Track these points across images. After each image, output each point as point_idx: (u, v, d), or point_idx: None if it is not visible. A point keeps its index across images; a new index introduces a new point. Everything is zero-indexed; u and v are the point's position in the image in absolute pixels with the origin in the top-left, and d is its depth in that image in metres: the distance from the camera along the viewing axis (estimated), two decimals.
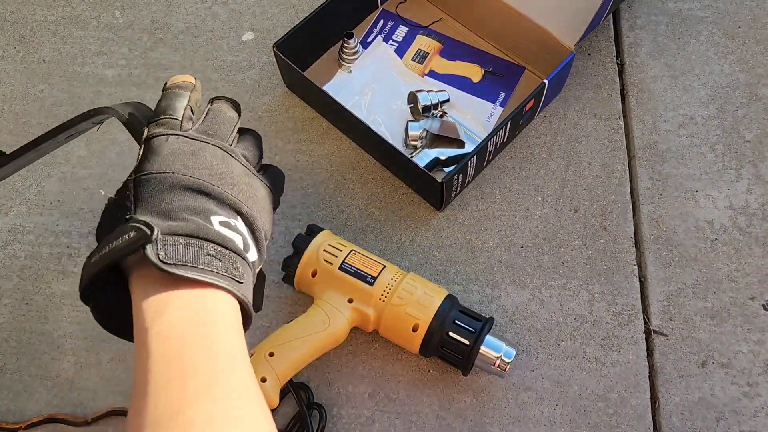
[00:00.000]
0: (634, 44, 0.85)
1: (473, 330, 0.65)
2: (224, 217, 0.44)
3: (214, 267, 0.41)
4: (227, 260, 0.42)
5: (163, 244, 0.39)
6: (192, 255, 0.40)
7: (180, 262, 0.39)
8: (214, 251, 0.41)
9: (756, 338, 0.69)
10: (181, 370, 0.37)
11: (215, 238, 0.42)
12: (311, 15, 0.80)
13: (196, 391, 0.37)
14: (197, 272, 0.40)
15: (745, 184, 0.76)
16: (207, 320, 0.39)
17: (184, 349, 0.38)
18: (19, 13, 0.95)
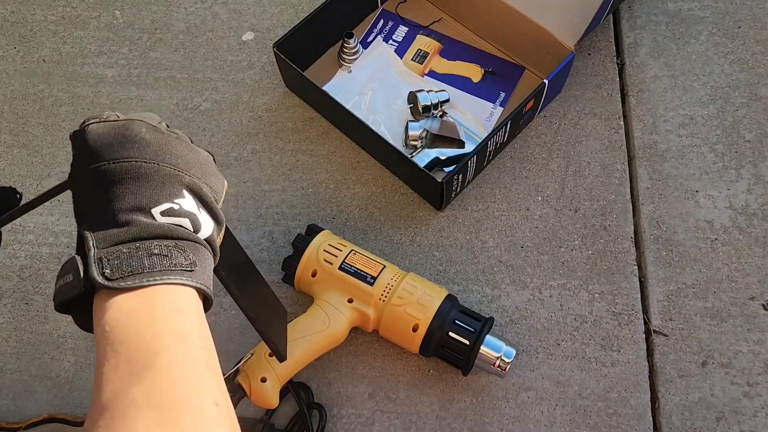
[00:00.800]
0: (634, 44, 0.85)
1: (473, 330, 0.65)
2: (166, 203, 0.43)
3: (161, 266, 0.41)
4: (175, 253, 0.42)
5: (107, 260, 0.40)
6: (136, 262, 0.40)
7: (126, 273, 0.40)
8: (158, 249, 0.41)
9: (756, 338, 0.69)
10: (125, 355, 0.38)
11: (159, 233, 0.42)
12: (311, 15, 0.80)
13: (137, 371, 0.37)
14: (143, 278, 0.40)
15: (745, 184, 0.76)
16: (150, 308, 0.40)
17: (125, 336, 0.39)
18: (19, 13, 0.95)
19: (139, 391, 0.36)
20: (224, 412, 0.39)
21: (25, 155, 0.85)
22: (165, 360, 0.38)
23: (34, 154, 0.85)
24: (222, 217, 0.47)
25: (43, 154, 0.84)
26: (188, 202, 0.44)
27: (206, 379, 0.39)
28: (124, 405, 0.36)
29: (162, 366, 0.38)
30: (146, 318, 0.39)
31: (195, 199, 0.45)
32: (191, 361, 0.40)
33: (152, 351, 0.38)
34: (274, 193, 0.80)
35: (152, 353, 0.38)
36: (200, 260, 0.43)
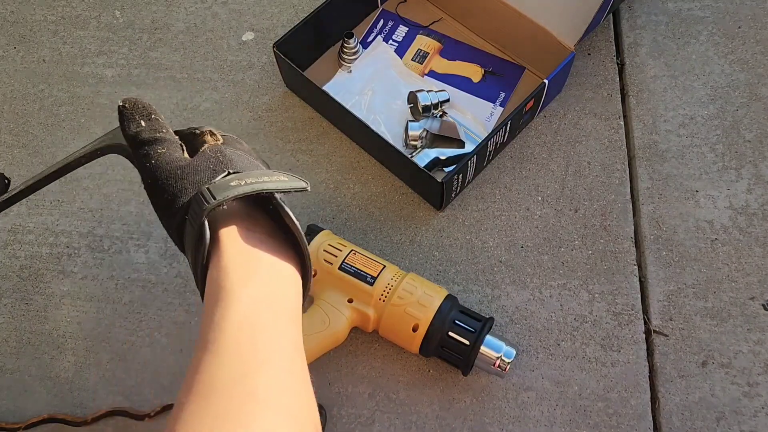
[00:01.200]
0: (634, 44, 0.85)
1: (473, 330, 0.65)
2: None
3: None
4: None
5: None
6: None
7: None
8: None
9: (756, 338, 0.69)
10: (251, 337, 0.38)
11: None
12: (311, 15, 0.80)
13: (260, 359, 0.37)
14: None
15: (746, 184, 0.76)
16: (278, 288, 0.41)
17: (255, 316, 0.39)
18: (19, 12, 0.95)
19: (259, 383, 0.36)
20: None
21: (25, 155, 0.85)
22: (287, 355, 0.39)
23: (34, 154, 0.85)
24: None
25: (43, 153, 0.84)
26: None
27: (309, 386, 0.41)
28: (248, 390, 0.35)
29: (284, 361, 0.39)
30: (275, 303, 0.41)
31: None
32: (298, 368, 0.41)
33: (277, 343, 0.39)
34: None
35: (276, 345, 0.39)
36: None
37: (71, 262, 0.78)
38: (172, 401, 0.69)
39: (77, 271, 0.77)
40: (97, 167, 0.81)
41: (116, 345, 0.73)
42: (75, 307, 0.75)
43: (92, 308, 0.75)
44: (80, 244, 0.78)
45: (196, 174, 0.43)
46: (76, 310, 0.75)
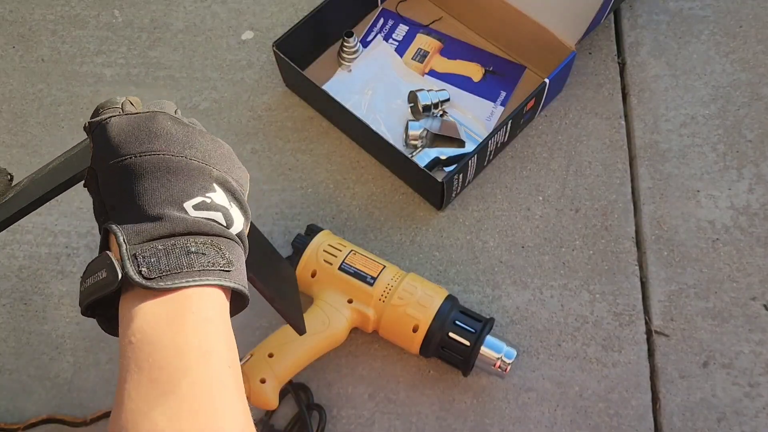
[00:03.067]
0: (635, 43, 0.85)
1: (473, 330, 0.64)
2: (198, 197, 0.41)
3: (199, 264, 0.39)
4: (211, 250, 0.39)
5: (143, 257, 0.38)
6: (174, 260, 0.38)
7: (163, 272, 0.38)
8: (195, 246, 0.39)
9: (757, 338, 0.69)
10: (149, 373, 0.36)
11: (193, 228, 0.39)
12: (311, 14, 0.80)
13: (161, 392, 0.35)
14: (182, 278, 0.38)
15: (747, 183, 0.76)
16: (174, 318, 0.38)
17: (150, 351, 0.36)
18: (18, 12, 0.95)
19: (161, 417, 0.34)
20: None
21: (24, 155, 0.84)
22: (191, 382, 0.36)
23: (33, 153, 0.84)
24: (249, 211, 0.45)
25: (42, 153, 0.84)
26: (219, 196, 0.42)
27: (232, 404, 0.37)
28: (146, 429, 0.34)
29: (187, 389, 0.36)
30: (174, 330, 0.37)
31: (225, 193, 0.43)
32: (218, 383, 0.37)
33: (178, 370, 0.36)
34: (274, 193, 0.79)
35: (178, 372, 0.36)
36: (236, 258, 0.41)
37: (70, 262, 0.77)
38: None
39: (76, 271, 0.77)
40: None
41: (115, 345, 0.72)
42: (74, 307, 0.75)
43: None
44: (79, 244, 0.78)
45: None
46: (75, 311, 0.75)
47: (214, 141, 0.44)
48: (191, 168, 0.41)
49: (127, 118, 0.42)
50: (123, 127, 0.41)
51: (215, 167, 0.43)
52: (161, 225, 0.39)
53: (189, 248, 0.39)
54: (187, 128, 0.43)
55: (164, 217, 0.39)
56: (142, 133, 0.41)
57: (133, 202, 0.40)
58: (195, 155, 0.42)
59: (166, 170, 0.40)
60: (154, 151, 0.41)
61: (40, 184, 0.48)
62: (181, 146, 0.41)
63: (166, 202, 0.40)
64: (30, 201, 0.48)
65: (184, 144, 0.42)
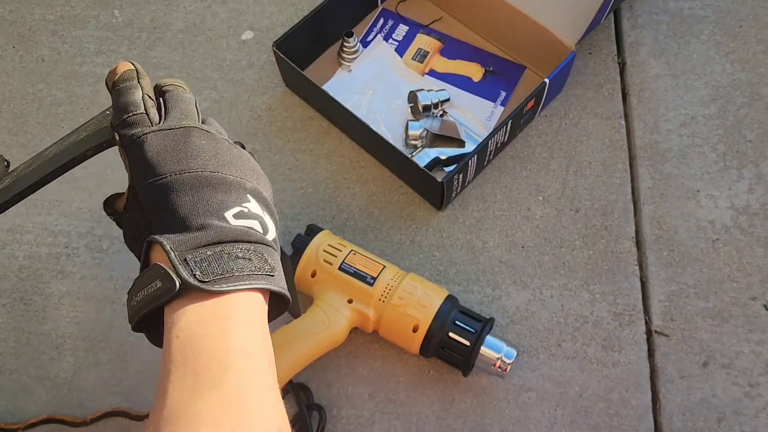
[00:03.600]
0: (635, 43, 0.85)
1: (473, 330, 0.64)
2: (236, 207, 0.43)
3: (248, 269, 0.41)
4: (256, 256, 0.42)
5: (194, 262, 0.39)
6: (224, 265, 0.40)
7: (216, 275, 0.39)
8: (242, 252, 0.41)
9: (757, 338, 0.69)
10: (193, 367, 0.37)
11: (236, 237, 0.41)
12: (311, 14, 0.80)
13: (204, 385, 0.37)
14: (234, 281, 0.40)
15: (747, 183, 0.76)
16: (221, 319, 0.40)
17: (196, 348, 0.38)
18: (17, 12, 0.95)
19: (205, 407, 0.36)
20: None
21: (24, 155, 0.84)
22: (233, 378, 0.37)
23: (33, 153, 0.83)
24: (277, 217, 0.47)
25: None
26: (254, 206, 0.44)
27: (271, 403, 0.39)
28: (189, 419, 0.35)
29: (230, 383, 0.37)
30: (218, 330, 0.39)
31: (258, 202, 0.45)
32: (259, 381, 0.39)
33: (222, 366, 0.38)
34: (274, 193, 0.79)
35: (222, 368, 0.37)
36: (276, 263, 0.43)
37: (70, 262, 0.77)
38: None
39: (76, 271, 0.77)
40: (96, 167, 0.81)
41: (115, 345, 0.73)
42: (74, 307, 0.75)
43: (91, 308, 0.75)
44: (79, 244, 0.78)
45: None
46: (75, 311, 0.75)
47: (241, 153, 0.46)
48: (227, 182, 0.43)
49: (162, 136, 0.43)
50: (159, 146, 0.43)
51: (247, 180, 0.45)
52: (206, 233, 0.41)
53: (236, 254, 0.41)
54: (219, 144, 0.45)
55: (208, 227, 0.41)
56: (180, 152, 0.43)
57: (175, 215, 0.41)
58: (229, 171, 0.44)
59: (205, 185, 0.42)
60: (192, 169, 0.42)
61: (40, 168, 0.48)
62: (215, 164, 0.44)
63: (208, 212, 0.42)
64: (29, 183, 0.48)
65: (218, 161, 0.44)
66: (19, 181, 0.48)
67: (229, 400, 0.37)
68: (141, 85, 0.45)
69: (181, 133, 0.43)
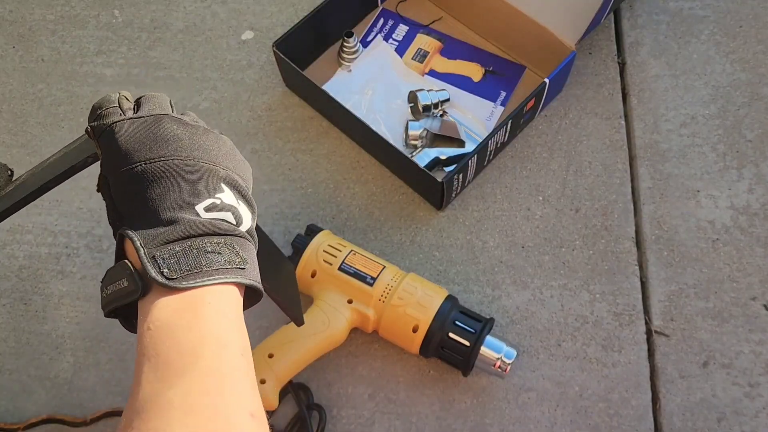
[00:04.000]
0: (635, 43, 0.85)
1: (473, 331, 0.64)
2: (208, 199, 0.42)
3: (217, 263, 0.40)
4: (226, 249, 0.41)
5: (162, 259, 0.39)
6: (192, 260, 0.40)
7: (184, 272, 0.39)
8: (211, 246, 0.40)
9: (757, 338, 0.69)
10: (165, 357, 0.37)
11: (207, 229, 0.41)
12: (311, 14, 0.80)
13: (175, 373, 0.37)
14: (202, 276, 0.40)
15: (747, 183, 0.76)
16: (192, 310, 0.39)
17: (167, 339, 0.38)
18: (17, 12, 0.95)
19: (176, 395, 0.36)
20: (259, 423, 0.38)
21: (24, 155, 0.84)
22: (205, 365, 0.37)
23: (32, 153, 0.84)
24: (255, 205, 0.46)
25: (42, 153, 0.84)
26: (228, 196, 0.43)
27: (244, 388, 0.39)
28: (160, 407, 0.35)
29: (201, 371, 0.37)
30: (191, 320, 0.39)
31: (233, 192, 0.44)
32: (231, 368, 0.39)
33: (193, 355, 0.38)
34: (274, 193, 0.79)
35: (193, 357, 0.37)
36: (249, 255, 0.43)
37: (70, 262, 0.77)
38: None
39: (76, 271, 0.77)
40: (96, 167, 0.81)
41: (115, 345, 0.73)
42: (74, 307, 0.75)
43: (91, 308, 0.75)
44: (79, 244, 0.78)
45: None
46: (75, 311, 0.75)
47: (218, 138, 0.45)
48: (200, 170, 0.42)
49: (132, 123, 0.43)
50: (130, 133, 0.42)
51: (221, 167, 0.44)
52: (176, 228, 0.40)
53: (206, 248, 0.40)
54: (192, 129, 0.44)
55: (178, 221, 0.41)
56: (150, 139, 0.42)
57: (146, 207, 0.41)
58: (202, 156, 0.43)
59: (176, 175, 0.42)
60: (163, 156, 0.42)
61: (40, 176, 0.48)
62: (188, 149, 0.43)
63: (179, 206, 0.41)
64: (30, 191, 0.48)
65: (191, 147, 0.43)
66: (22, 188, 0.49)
67: (201, 387, 0.37)
68: (119, 92, 0.46)
69: (151, 120, 0.43)
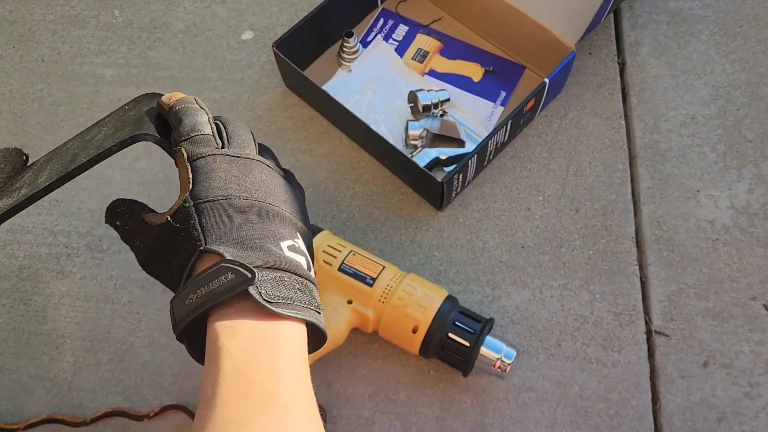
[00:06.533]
0: (635, 43, 0.85)
1: (473, 331, 0.64)
2: (290, 240, 0.45)
3: (305, 302, 0.42)
4: (307, 291, 0.43)
5: (260, 281, 0.40)
6: (285, 291, 0.41)
7: (279, 299, 0.40)
8: (299, 284, 0.42)
9: (757, 338, 0.69)
10: (246, 387, 0.38)
11: (291, 267, 0.42)
12: (311, 14, 0.80)
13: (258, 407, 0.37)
14: (293, 309, 0.41)
15: (747, 183, 0.76)
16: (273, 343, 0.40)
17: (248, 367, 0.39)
18: (17, 12, 0.95)
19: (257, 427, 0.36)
20: None
21: None
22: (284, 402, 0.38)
23: (33, 153, 0.83)
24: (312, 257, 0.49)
25: (42, 153, 0.84)
26: (301, 243, 0.46)
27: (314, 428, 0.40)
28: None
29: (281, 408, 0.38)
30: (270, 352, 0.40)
31: (304, 242, 0.47)
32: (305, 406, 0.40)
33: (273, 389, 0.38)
34: None
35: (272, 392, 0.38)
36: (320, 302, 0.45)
37: (70, 262, 0.77)
38: (171, 402, 0.69)
39: (76, 271, 0.77)
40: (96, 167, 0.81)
41: (115, 345, 0.73)
42: (74, 307, 0.75)
43: (91, 308, 0.75)
44: (79, 244, 0.78)
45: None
46: (75, 311, 0.75)
47: (295, 193, 0.49)
48: (283, 217, 0.45)
49: (229, 160, 0.45)
50: (227, 169, 0.45)
51: (297, 218, 0.47)
52: (265, 255, 0.42)
53: (294, 285, 0.42)
54: (277, 180, 0.47)
55: (266, 250, 0.42)
56: (245, 179, 0.45)
57: (235, 232, 0.43)
58: (285, 207, 0.46)
59: (265, 215, 0.44)
60: (256, 198, 0.44)
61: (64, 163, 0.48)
62: (275, 198, 0.45)
63: (266, 238, 0.43)
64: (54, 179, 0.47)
65: (278, 197, 0.46)
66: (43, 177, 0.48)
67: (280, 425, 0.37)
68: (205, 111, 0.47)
69: (245, 164, 0.46)
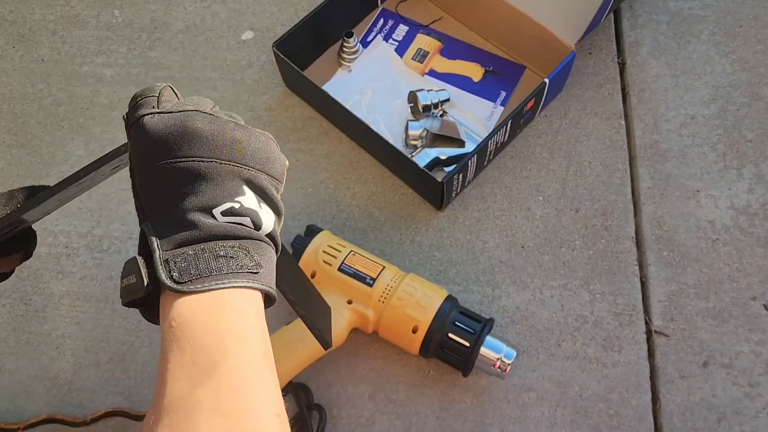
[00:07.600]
0: (635, 43, 0.85)
1: (473, 331, 0.64)
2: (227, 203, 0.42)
3: (228, 268, 0.41)
4: (240, 254, 0.42)
5: (174, 263, 0.40)
6: (203, 264, 0.41)
7: (193, 276, 0.40)
8: (224, 250, 0.41)
9: (757, 338, 0.69)
10: (191, 355, 0.38)
11: (222, 232, 0.42)
12: (311, 14, 0.80)
13: (202, 372, 0.38)
14: (211, 281, 0.40)
15: (747, 183, 0.76)
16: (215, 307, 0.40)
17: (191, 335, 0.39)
18: (18, 12, 0.95)
19: (204, 395, 0.37)
20: (283, 424, 0.39)
21: (24, 155, 0.84)
22: (230, 364, 0.38)
23: (33, 153, 0.84)
24: (282, 208, 0.46)
25: (41, 153, 0.84)
26: (248, 199, 0.43)
27: (269, 388, 0.40)
28: (189, 407, 0.36)
29: (227, 369, 0.38)
30: (212, 317, 0.40)
31: (255, 194, 0.44)
32: (254, 366, 0.40)
33: (218, 352, 0.38)
34: None
35: (218, 354, 0.38)
36: (264, 259, 0.43)
37: (70, 262, 0.77)
38: None
39: (76, 271, 0.77)
40: None
41: (115, 345, 0.73)
42: (74, 307, 0.75)
43: (91, 308, 0.75)
44: (79, 244, 0.78)
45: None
46: (75, 311, 0.75)
47: (249, 132, 0.45)
48: (221, 173, 0.43)
49: (160, 119, 0.43)
50: (157, 129, 0.43)
51: (247, 167, 0.44)
52: (192, 232, 0.41)
53: (218, 252, 0.41)
54: (221, 125, 0.43)
55: (196, 224, 0.41)
56: (175, 136, 0.42)
57: (166, 207, 0.42)
58: (226, 155, 0.43)
59: (197, 177, 0.42)
60: (186, 157, 0.42)
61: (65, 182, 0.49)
62: (212, 149, 0.43)
63: (197, 209, 0.42)
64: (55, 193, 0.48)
65: (216, 144, 0.43)
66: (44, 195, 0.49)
67: (228, 387, 0.37)
68: (169, 85, 0.46)
69: (180, 117, 0.43)
